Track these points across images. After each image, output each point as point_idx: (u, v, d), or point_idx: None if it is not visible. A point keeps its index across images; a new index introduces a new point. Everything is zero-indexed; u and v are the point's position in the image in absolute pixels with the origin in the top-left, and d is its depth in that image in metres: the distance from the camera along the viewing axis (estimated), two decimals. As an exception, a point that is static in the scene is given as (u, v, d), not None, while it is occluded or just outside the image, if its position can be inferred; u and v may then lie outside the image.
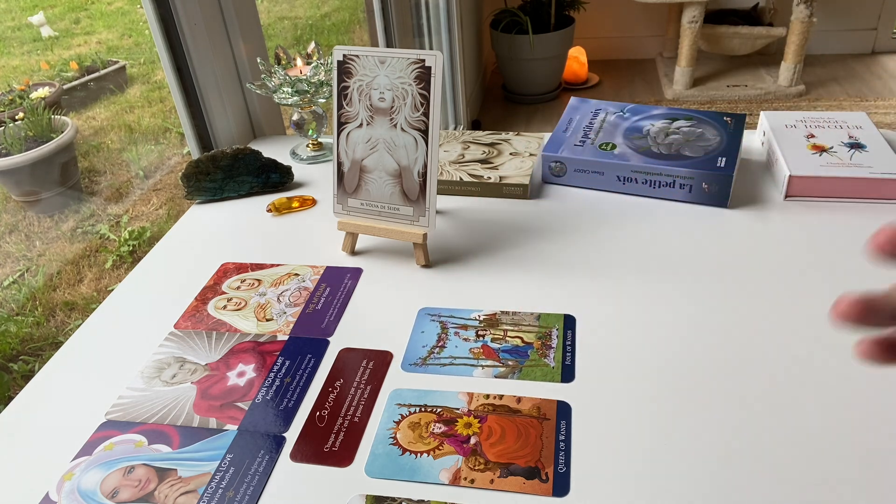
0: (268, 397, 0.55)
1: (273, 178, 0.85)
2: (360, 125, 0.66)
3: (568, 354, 0.56)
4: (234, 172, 0.84)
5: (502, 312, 0.62)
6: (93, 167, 1.79)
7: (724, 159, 0.74)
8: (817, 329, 0.57)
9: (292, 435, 0.51)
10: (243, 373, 0.58)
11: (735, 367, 0.54)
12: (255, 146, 0.98)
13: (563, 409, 0.51)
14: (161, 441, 0.52)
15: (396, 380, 0.56)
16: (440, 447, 0.49)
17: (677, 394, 0.52)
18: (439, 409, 0.52)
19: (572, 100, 0.91)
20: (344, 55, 0.64)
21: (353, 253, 0.72)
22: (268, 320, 0.64)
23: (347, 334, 0.61)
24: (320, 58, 0.89)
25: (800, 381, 0.52)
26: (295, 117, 0.91)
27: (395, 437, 0.50)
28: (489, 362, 0.56)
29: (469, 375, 0.55)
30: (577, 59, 3.08)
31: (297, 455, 0.50)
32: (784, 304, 0.60)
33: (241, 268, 0.72)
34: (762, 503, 0.43)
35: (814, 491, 0.44)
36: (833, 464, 0.46)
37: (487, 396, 0.53)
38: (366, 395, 0.54)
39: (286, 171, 0.86)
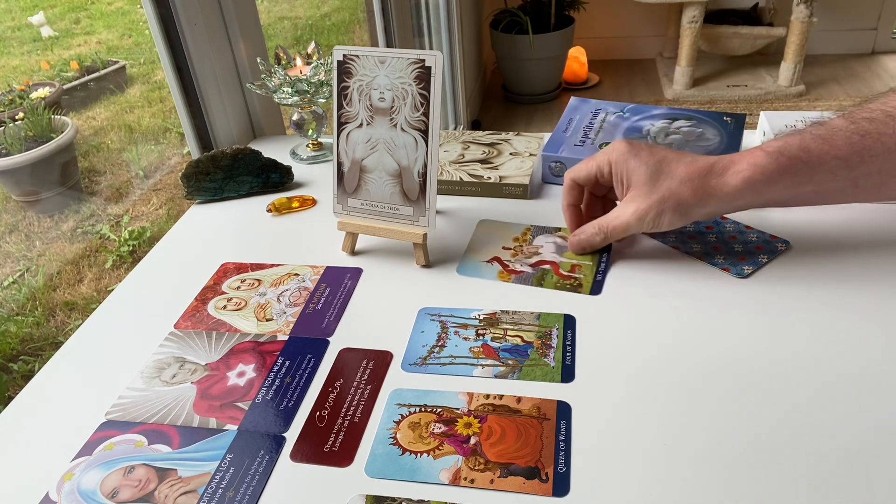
0: (268, 397, 0.55)
1: (273, 178, 0.85)
2: (360, 125, 0.66)
3: (568, 354, 0.56)
4: (234, 172, 0.84)
5: (502, 312, 0.62)
6: (93, 167, 1.79)
7: (724, 159, 0.74)
8: (818, 328, 0.57)
9: (292, 435, 0.51)
10: (243, 373, 0.58)
11: (734, 365, 0.54)
12: (255, 146, 0.98)
13: (563, 409, 0.51)
14: (161, 441, 0.52)
15: (396, 380, 0.56)
16: (440, 447, 0.49)
17: (677, 393, 0.52)
18: (439, 409, 0.52)
19: (572, 100, 0.91)
20: (344, 55, 0.64)
21: (353, 253, 0.72)
22: (268, 320, 0.64)
23: (347, 334, 0.61)
24: (320, 58, 0.89)
25: (799, 380, 0.52)
26: (295, 117, 0.91)
27: (395, 437, 0.50)
28: (489, 361, 0.56)
29: (469, 375, 0.55)
30: (577, 59, 3.08)
31: (297, 455, 0.50)
32: (783, 304, 0.60)
33: (241, 268, 0.72)
34: (763, 503, 0.43)
35: (814, 490, 0.44)
36: (834, 464, 0.46)
37: (487, 396, 0.53)
38: (366, 395, 0.54)
39: (286, 171, 0.86)
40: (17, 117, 1.55)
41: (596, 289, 0.63)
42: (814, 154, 0.58)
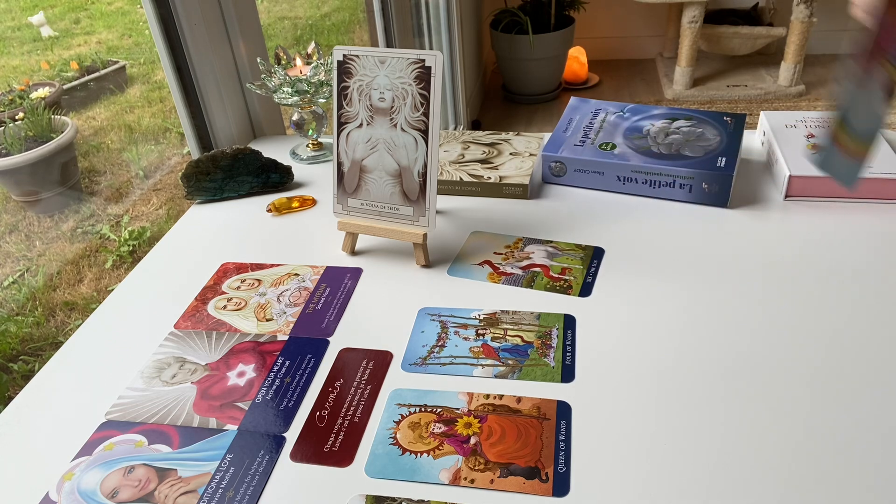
0: (268, 397, 0.55)
1: (273, 178, 0.85)
2: (360, 125, 0.66)
3: (568, 354, 0.56)
4: (234, 172, 0.84)
5: (502, 311, 0.62)
6: (93, 167, 1.79)
7: (724, 159, 0.74)
8: (817, 328, 0.57)
9: (292, 435, 0.51)
10: (243, 373, 0.58)
11: (734, 366, 0.54)
12: (255, 146, 0.98)
13: (563, 409, 0.51)
14: (161, 441, 0.52)
15: (396, 380, 0.56)
16: (440, 447, 0.49)
17: (677, 393, 0.52)
18: (439, 409, 0.52)
19: (572, 100, 0.91)
20: (344, 55, 0.64)
21: (353, 253, 0.72)
22: (268, 320, 0.64)
23: (347, 334, 0.61)
24: (320, 58, 0.89)
25: (800, 381, 0.52)
26: (295, 117, 0.91)
27: (395, 437, 0.50)
28: (489, 361, 0.56)
29: (469, 375, 0.55)
30: (577, 59, 3.08)
31: (297, 455, 0.50)
32: (784, 304, 0.60)
33: (241, 268, 0.72)
34: (762, 503, 0.43)
35: (814, 491, 0.44)
36: (834, 463, 0.46)
37: (487, 396, 0.53)
38: (366, 395, 0.54)
39: (286, 171, 0.86)
40: (17, 117, 1.55)
41: (585, 291, 0.63)
42: None
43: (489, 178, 0.79)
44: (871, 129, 0.46)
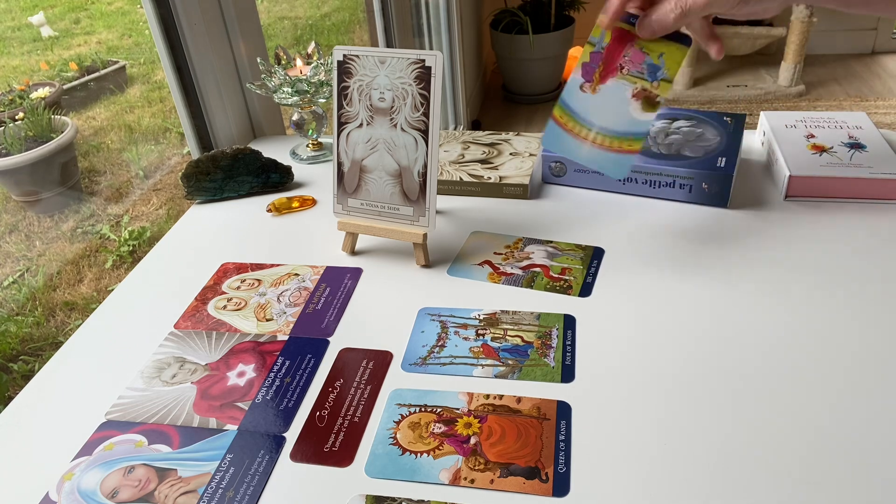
0: (268, 397, 0.55)
1: (273, 178, 0.85)
2: (360, 125, 0.66)
3: (568, 354, 0.56)
4: (234, 172, 0.84)
5: (502, 312, 0.62)
6: (93, 167, 1.79)
7: (723, 159, 0.74)
8: (817, 328, 0.57)
9: (292, 435, 0.51)
10: (243, 373, 0.58)
11: (734, 366, 0.54)
12: (255, 146, 0.98)
13: (563, 409, 0.51)
14: (161, 441, 0.52)
15: (396, 380, 0.56)
16: (440, 447, 0.49)
17: (677, 393, 0.52)
18: (439, 409, 0.52)
19: (572, 100, 0.91)
20: (344, 55, 0.64)
21: (353, 253, 0.72)
22: (268, 320, 0.64)
23: (347, 334, 0.61)
24: (320, 58, 0.89)
25: (799, 381, 0.52)
26: (295, 117, 0.91)
27: (395, 437, 0.50)
28: (489, 361, 0.56)
29: (469, 375, 0.55)
30: (577, 59, 3.08)
31: (297, 455, 0.50)
32: (783, 305, 0.60)
33: (241, 268, 0.72)
34: (762, 503, 0.43)
35: (814, 491, 0.44)
36: (834, 464, 0.46)
37: (487, 396, 0.53)
38: (366, 395, 0.54)
39: (286, 171, 0.86)
40: (17, 117, 1.55)
41: (585, 291, 0.63)
42: None
43: (489, 178, 0.80)
44: (578, 113, 0.66)
